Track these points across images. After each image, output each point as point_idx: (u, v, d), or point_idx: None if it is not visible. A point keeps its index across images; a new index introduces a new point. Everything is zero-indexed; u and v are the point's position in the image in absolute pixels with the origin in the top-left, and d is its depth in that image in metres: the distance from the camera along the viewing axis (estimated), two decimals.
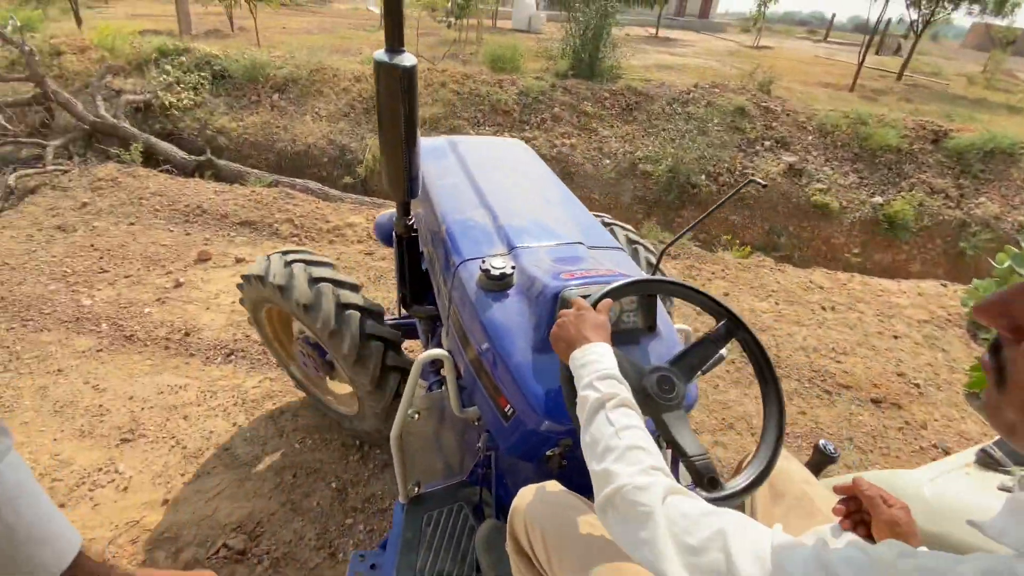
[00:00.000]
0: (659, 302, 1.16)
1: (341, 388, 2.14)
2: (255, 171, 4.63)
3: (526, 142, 5.19)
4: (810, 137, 6.26)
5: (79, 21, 9.60)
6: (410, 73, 1.15)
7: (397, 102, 1.17)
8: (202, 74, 5.87)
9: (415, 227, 1.71)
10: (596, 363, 0.76)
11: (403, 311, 1.93)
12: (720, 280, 3.71)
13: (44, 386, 2.40)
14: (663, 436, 0.86)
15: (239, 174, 4.67)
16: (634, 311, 1.12)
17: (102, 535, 1.77)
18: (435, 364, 1.45)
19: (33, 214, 3.82)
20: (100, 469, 2.04)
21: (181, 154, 4.84)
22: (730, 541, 0.52)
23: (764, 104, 6.61)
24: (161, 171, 4.63)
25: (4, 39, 4.65)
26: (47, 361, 2.54)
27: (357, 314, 1.66)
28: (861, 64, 12.50)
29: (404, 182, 1.33)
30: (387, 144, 1.24)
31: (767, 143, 6.09)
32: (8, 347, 2.61)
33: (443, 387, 1.34)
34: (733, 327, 0.97)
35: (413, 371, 1.21)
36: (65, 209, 3.90)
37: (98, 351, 2.63)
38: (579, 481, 0.91)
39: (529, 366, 1.03)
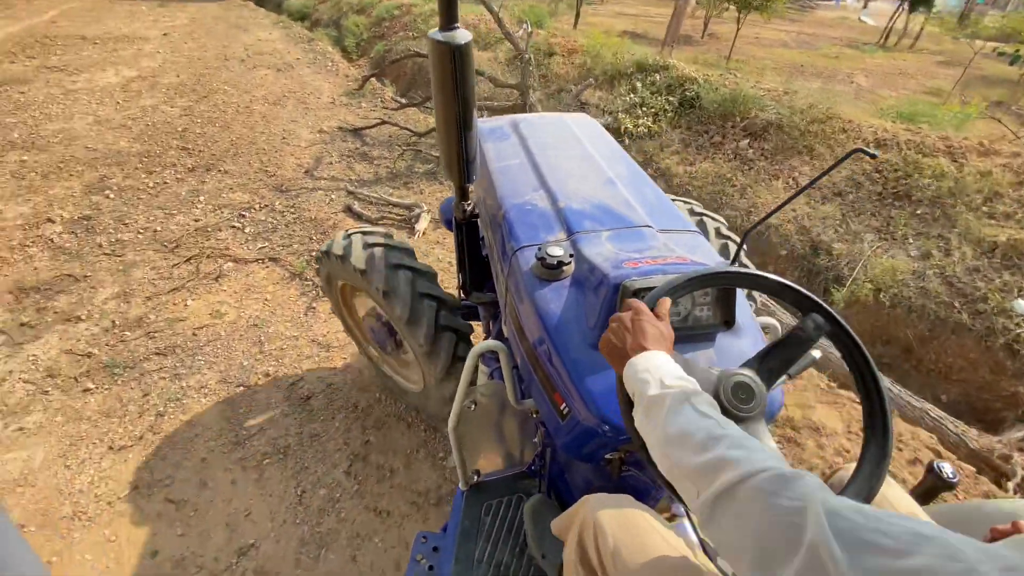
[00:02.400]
0: (739, 293, 1.05)
1: (409, 366, 2.15)
2: None
3: None
4: None
5: (576, 20, 10.47)
6: (463, 51, 1.05)
7: (450, 81, 1.08)
8: (670, 98, 5.05)
9: (476, 212, 1.62)
10: (659, 369, 0.68)
11: (463, 297, 1.88)
12: None
13: (365, 535, 1.82)
14: None
15: None
16: (708, 304, 1.02)
17: None
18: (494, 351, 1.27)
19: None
20: None
21: None
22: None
23: None
24: None
25: (511, 42, 4.74)
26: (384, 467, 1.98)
27: (409, 274, 1.72)
28: None
29: (460, 165, 1.24)
30: (442, 126, 1.18)
31: None
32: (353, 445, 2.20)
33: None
34: (824, 322, 0.78)
35: (468, 363, 1.22)
36: None
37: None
38: (642, 488, 0.94)
39: (586, 364, 0.97)
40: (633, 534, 0.82)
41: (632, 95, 5.22)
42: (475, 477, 1.44)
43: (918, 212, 3.40)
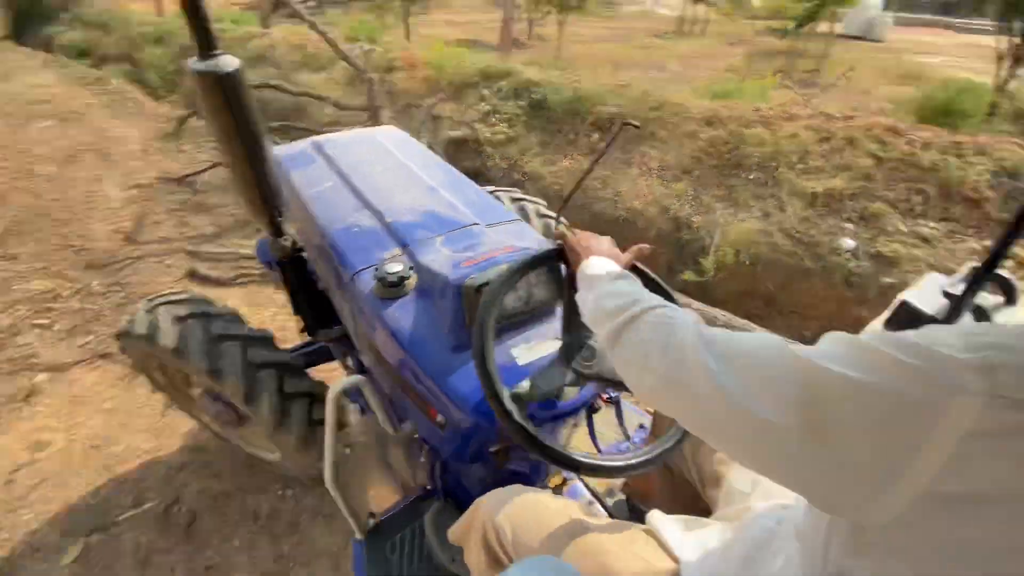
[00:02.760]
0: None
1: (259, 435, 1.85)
2: None
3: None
4: None
5: (408, 32, 10.31)
6: (232, 79, 1.00)
7: (225, 114, 1.02)
8: (519, 103, 5.15)
9: (300, 247, 1.47)
10: (609, 265, 0.83)
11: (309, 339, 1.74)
12: None
13: None
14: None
15: None
16: (544, 282, 1.06)
17: None
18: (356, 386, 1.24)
19: None
20: None
21: None
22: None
23: None
24: None
25: (351, 63, 4.48)
26: None
27: (236, 344, 1.50)
28: None
29: (263, 202, 1.18)
30: (231, 163, 1.09)
31: None
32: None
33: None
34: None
35: (328, 408, 1.15)
36: None
37: None
38: (530, 470, 0.99)
39: (449, 368, 0.99)
40: (528, 517, 0.88)
41: (483, 103, 5.23)
42: (371, 521, 1.36)
43: (751, 178, 3.86)
